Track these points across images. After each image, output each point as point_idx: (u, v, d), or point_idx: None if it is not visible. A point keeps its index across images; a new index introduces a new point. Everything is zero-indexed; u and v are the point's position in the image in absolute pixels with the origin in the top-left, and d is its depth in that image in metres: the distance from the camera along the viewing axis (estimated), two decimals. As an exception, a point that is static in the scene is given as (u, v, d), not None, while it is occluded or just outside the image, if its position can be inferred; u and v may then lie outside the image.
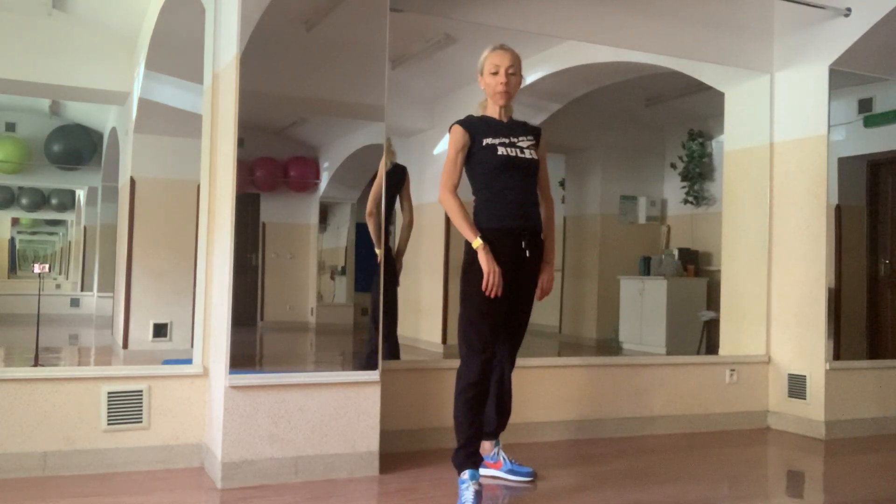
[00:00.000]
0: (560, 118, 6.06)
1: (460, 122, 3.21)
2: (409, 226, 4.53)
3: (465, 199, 3.16)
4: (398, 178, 4.50)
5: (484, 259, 3.02)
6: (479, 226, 3.10)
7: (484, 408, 3.17)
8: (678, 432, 4.58)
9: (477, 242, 3.04)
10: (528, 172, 3.21)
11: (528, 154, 3.20)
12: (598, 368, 4.47)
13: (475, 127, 3.20)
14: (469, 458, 3.07)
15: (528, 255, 3.16)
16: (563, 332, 7.66)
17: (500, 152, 3.15)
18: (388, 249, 4.40)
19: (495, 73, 3.19)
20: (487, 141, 3.16)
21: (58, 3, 5.85)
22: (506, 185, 3.16)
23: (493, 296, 3.02)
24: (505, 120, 3.26)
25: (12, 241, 11.15)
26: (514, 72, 3.21)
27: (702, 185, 7.25)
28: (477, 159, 3.17)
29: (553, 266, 3.31)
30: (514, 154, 3.17)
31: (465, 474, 3.03)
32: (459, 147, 3.17)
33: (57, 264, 11.35)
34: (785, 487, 3.81)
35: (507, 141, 3.18)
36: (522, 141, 3.22)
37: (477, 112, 3.32)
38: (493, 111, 3.26)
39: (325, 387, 3.37)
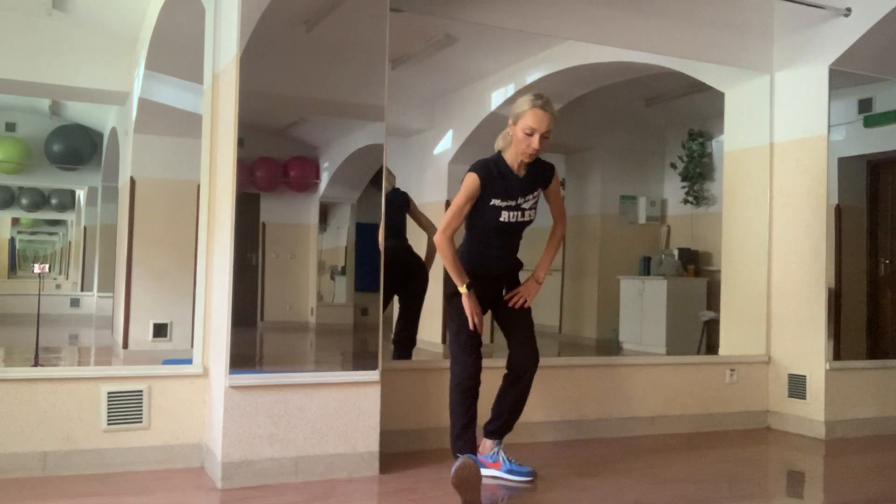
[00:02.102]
0: (560, 118, 6.05)
1: (478, 173, 3.26)
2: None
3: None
4: (400, 203, 4.58)
5: (466, 305, 3.28)
6: (463, 265, 3.31)
7: (477, 397, 3.36)
8: (678, 432, 4.58)
9: (463, 290, 3.27)
10: (520, 230, 3.41)
11: (527, 217, 3.36)
12: (598, 368, 4.47)
13: (490, 182, 3.26)
14: (468, 444, 3.27)
15: (504, 293, 3.45)
16: (563, 332, 7.65)
17: (502, 218, 3.29)
18: (411, 257, 4.60)
19: (530, 135, 3.20)
20: (495, 202, 3.27)
21: (58, 4, 5.84)
22: (497, 244, 3.38)
23: (480, 332, 3.32)
24: (521, 174, 3.31)
25: (12, 241, 11.13)
26: (549, 136, 3.24)
27: (702, 185, 7.25)
28: (479, 214, 3.30)
29: (539, 283, 3.47)
30: (514, 220, 3.32)
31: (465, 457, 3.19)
32: (470, 197, 3.27)
33: (57, 264, 11.34)
34: (785, 487, 3.81)
35: (513, 204, 3.30)
36: (528, 201, 3.34)
37: (498, 144, 3.38)
38: (512, 159, 3.32)
39: (325, 387, 3.37)
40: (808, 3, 4.49)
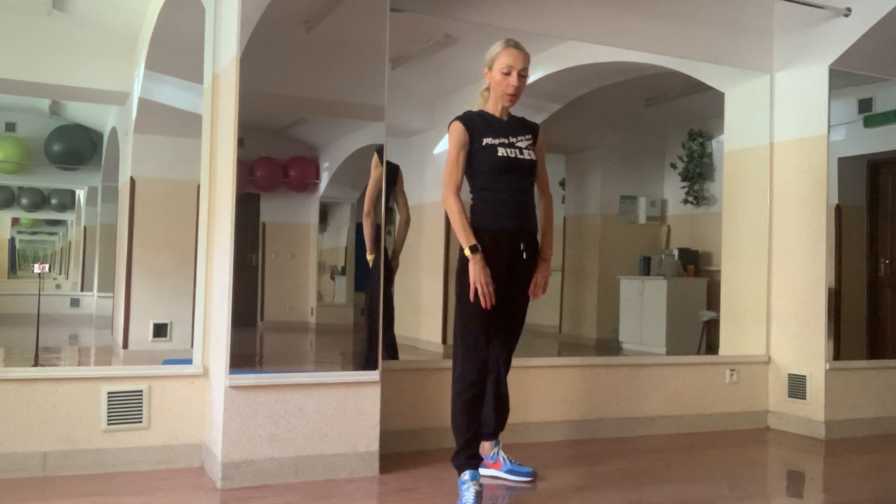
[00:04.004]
0: (560, 118, 6.06)
1: (460, 119, 3.17)
2: (405, 224, 4.56)
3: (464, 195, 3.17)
4: (390, 176, 4.49)
5: (472, 269, 3.02)
6: (477, 226, 3.09)
7: (482, 408, 3.17)
8: (678, 432, 4.58)
9: (468, 252, 3.03)
10: (527, 173, 3.22)
11: (526, 155, 3.19)
12: (598, 368, 4.47)
13: (475, 125, 3.17)
14: (469, 459, 3.08)
15: (524, 256, 3.17)
16: (563, 332, 7.65)
17: (500, 153, 3.14)
18: (384, 251, 4.42)
19: (507, 74, 3.15)
20: (487, 141, 3.15)
21: (58, 3, 5.84)
22: (505, 187, 3.15)
23: (486, 307, 3.02)
24: (505, 118, 3.25)
25: (12, 241, 11.14)
26: (525, 73, 3.19)
27: (702, 185, 7.25)
28: (477, 160, 3.15)
29: (550, 263, 3.30)
30: (513, 155, 3.16)
31: (466, 475, 3.03)
32: (461, 145, 3.14)
33: (57, 264, 11.34)
34: (785, 487, 3.81)
35: (506, 141, 3.17)
36: (521, 141, 3.21)
37: (476, 102, 3.29)
38: (493, 108, 3.24)
39: (324, 387, 3.37)
40: (808, 3, 4.49)
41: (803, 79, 4.74)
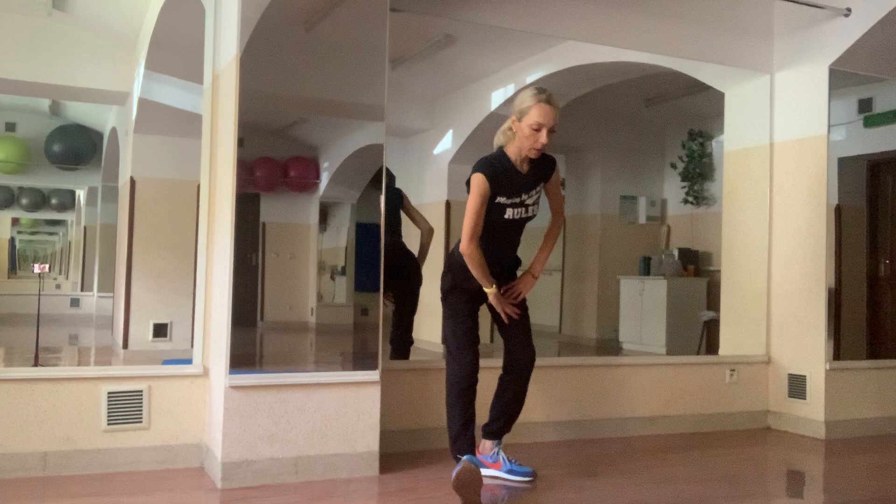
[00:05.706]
0: (560, 118, 6.05)
1: (484, 173, 3.21)
2: (428, 233, 4.77)
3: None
4: (394, 200, 4.62)
5: (497, 303, 3.32)
6: (461, 262, 3.28)
7: (475, 396, 3.34)
8: (678, 432, 4.58)
9: (492, 290, 3.29)
10: (522, 227, 3.40)
11: (530, 212, 3.35)
12: (598, 368, 4.47)
13: (496, 180, 3.23)
14: (468, 445, 3.26)
15: (502, 289, 3.40)
16: (563, 332, 7.65)
17: (507, 215, 3.28)
18: (405, 255, 4.60)
19: (537, 130, 3.17)
20: (500, 199, 3.25)
21: (58, 3, 5.84)
22: (500, 239, 3.35)
23: (517, 318, 3.38)
24: (525, 170, 3.29)
25: (12, 241, 11.13)
26: (556, 129, 3.22)
27: (702, 185, 7.25)
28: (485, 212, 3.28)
29: (535, 278, 3.45)
30: (517, 217, 3.31)
31: (465, 457, 3.20)
32: (484, 199, 3.23)
33: (57, 264, 11.33)
34: (785, 487, 3.81)
35: (517, 201, 3.29)
36: (531, 196, 3.32)
37: (498, 140, 3.35)
38: (515, 154, 3.29)
39: (325, 387, 3.37)
40: (808, 3, 4.49)
41: (803, 79, 4.74)
